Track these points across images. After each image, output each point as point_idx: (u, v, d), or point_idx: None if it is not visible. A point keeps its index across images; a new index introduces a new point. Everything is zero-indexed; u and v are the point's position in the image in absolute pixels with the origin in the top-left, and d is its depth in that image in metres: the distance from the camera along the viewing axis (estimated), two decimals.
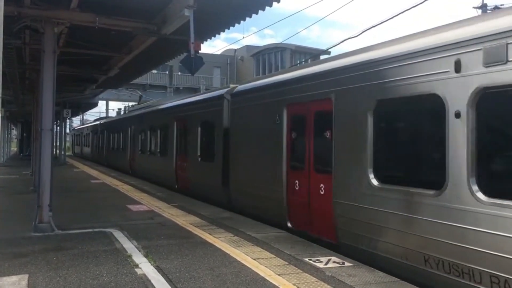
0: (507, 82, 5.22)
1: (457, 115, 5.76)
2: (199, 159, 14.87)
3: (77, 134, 58.04)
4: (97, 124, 39.29)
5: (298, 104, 9.37)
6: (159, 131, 19.51)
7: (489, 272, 5.30)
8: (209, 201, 13.26)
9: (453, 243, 5.73)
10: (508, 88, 5.24)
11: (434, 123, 6.26)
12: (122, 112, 44.87)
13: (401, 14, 11.27)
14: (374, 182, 7.14)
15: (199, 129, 14.90)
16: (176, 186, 16.64)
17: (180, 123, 16.98)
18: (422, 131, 6.76)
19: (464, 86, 5.68)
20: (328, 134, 8.42)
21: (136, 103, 39.42)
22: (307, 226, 9.02)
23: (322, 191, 8.55)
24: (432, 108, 6.28)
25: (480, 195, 5.46)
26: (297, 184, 9.36)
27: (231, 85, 14.10)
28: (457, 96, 5.75)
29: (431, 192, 6.10)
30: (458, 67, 5.78)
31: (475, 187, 5.52)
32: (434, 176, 6.16)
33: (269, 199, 10.27)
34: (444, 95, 5.94)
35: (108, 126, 33.57)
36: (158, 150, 19.60)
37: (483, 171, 5.59)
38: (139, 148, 22.99)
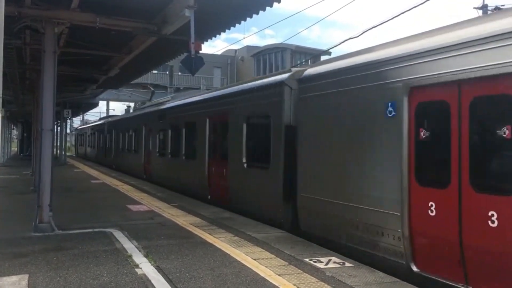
0: None
1: None
2: (245, 165, 11.66)
3: (81, 134, 53.56)
4: (103, 123, 35.48)
5: (433, 87, 6.33)
6: (184, 130, 16.38)
7: None
8: (260, 219, 10.34)
9: None
10: None
11: None
12: (131, 110, 40.46)
13: (402, 14, 11.24)
14: None
15: (245, 126, 11.71)
16: (209, 197, 13.72)
17: (215, 119, 13.92)
18: None
19: None
20: None
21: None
22: (456, 277, 5.91)
23: (494, 222, 5.37)
24: None
25: None
26: (428, 207, 6.24)
27: (294, 69, 10.55)
28: None
29: None
30: None
31: None
32: None
33: (374, 229, 7.19)
34: None
35: (117, 124, 30.10)
36: (183, 153, 16.37)
37: None
38: (157, 150, 19.86)
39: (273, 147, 10.23)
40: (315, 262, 6.99)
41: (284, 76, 10.21)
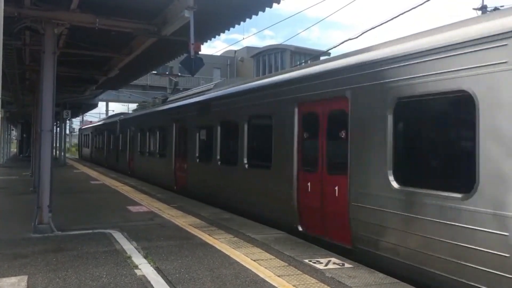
0: None
1: None
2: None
3: (86, 134, 46.48)
4: (115, 121, 29.46)
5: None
6: (246, 126, 11.58)
7: None
8: None
9: None
10: None
11: None
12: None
13: (401, 15, 11.24)
14: None
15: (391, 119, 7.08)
16: (301, 229, 9.19)
17: (316, 108, 8.89)
18: None
19: None
20: None
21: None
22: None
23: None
24: None
25: None
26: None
27: None
28: None
29: None
30: None
31: None
32: None
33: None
34: None
35: (134, 122, 24.62)
36: (245, 160, 11.54)
37: None
38: (197, 154, 15.05)
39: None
40: (314, 263, 6.99)
41: None
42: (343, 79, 8.05)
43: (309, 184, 8.94)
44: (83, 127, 52.21)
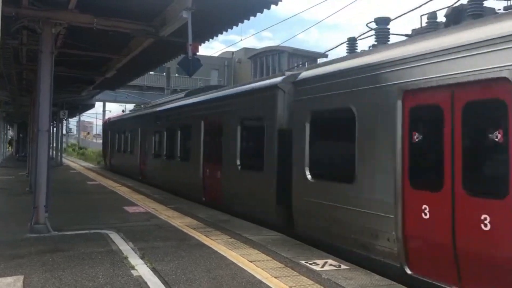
0: None
1: None
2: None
3: (115, 131, 28.85)
4: (166, 110, 19.03)
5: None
6: None
7: None
8: None
9: None
10: None
11: None
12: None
13: (399, 17, 11.25)
14: None
15: None
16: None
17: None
18: None
19: None
20: None
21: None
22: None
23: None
24: None
25: None
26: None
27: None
28: None
29: None
30: None
31: None
32: None
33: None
34: None
35: (201, 110, 14.97)
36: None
37: None
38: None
39: None
40: (311, 264, 6.99)
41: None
42: None
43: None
44: (113, 119, 32.74)
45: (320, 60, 21.57)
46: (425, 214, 6.33)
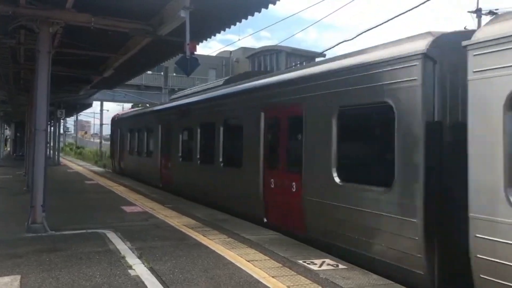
0: None
1: None
2: None
3: (127, 128, 24.51)
4: (199, 102, 15.16)
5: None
6: None
7: None
8: None
9: None
10: None
11: None
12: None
13: (397, 17, 11.27)
14: None
15: None
16: None
17: None
18: None
19: None
20: None
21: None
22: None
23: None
24: None
25: None
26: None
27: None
28: None
29: None
30: None
31: None
32: None
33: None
34: None
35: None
36: None
37: None
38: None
39: None
40: (309, 264, 6.99)
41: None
42: None
43: None
44: (124, 114, 27.96)
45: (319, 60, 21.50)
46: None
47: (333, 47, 21.94)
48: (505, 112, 5.23)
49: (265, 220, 10.33)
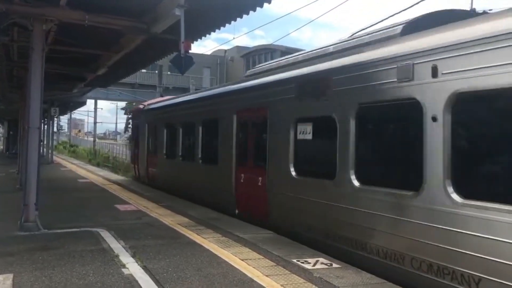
0: None
1: None
2: None
3: (163, 124, 17.32)
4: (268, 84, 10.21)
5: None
6: None
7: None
8: None
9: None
10: None
11: None
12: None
13: (391, 17, 11.32)
14: None
15: None
16: None
17: None
18: None
19: None
20: None
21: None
22: None
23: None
24: None
25: None
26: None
27: None
28: None
29: None
30: None
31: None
32: None
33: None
34: None
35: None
36: None
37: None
38: None
39: None
40: (302, 263, 7.00)
41: None
42: None
43: None
44: (168, 102, 18.38)
45: None
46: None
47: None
48: None
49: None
